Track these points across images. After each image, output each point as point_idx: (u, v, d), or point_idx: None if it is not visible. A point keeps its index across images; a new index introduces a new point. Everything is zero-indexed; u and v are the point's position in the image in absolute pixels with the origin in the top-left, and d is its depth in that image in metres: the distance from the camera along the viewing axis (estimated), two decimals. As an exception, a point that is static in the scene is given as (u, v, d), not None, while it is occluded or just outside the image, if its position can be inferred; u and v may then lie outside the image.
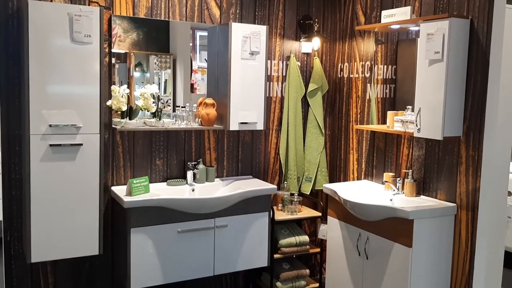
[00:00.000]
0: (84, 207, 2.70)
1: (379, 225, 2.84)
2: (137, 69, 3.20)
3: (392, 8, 3.15)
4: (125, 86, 2.95)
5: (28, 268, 2.90)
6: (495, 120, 2.58)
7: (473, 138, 2.68)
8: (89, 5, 2.87)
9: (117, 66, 3.09)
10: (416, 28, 3.00)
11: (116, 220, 3.02)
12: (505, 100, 2.62)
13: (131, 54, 3.14)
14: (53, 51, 2.56)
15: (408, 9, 2.90)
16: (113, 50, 3.00)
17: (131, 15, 3.02)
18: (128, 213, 2.74)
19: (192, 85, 3.39)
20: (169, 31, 3.25)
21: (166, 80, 3.29)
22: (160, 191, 3.01)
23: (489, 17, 2.57)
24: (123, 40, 3.08)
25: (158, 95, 3.10)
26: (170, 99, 3.27)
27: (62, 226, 2.65)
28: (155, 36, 3.24)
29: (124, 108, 2.94)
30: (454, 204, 2.78)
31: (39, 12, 2.52)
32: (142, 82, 3.14)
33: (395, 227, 2.73)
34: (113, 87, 2.93)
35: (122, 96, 2.93)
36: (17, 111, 2.77)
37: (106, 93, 2.92)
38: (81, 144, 2.66)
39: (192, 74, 3.38)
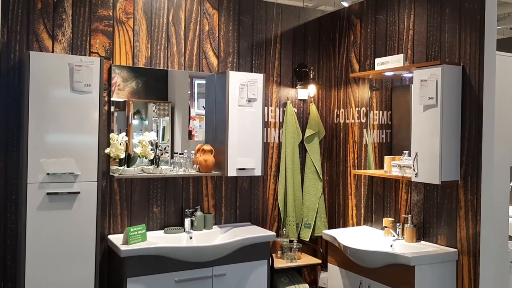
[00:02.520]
0: (80, 257, 2.65)
1: (380, 272, 2.79)
2: (135, 117, 3.23)
3: (385, 55, 3.23)
4: (123, 134, 2.98)
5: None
6: (492, 164, 2.59)
7: (471, 182, 2.68)
8: (89, 55, 2.93)
9: (116, 114, 3.12)
10: (410, 75, 3.07)
11: (112, 270, 2.96)
12: (501, 143, 2.65)
13: (130, 102, 3.19)
14: (53, 100, 2.60)
15: (401, 56, 2.98)
16: (112, 99, 3.05)
17: (131, 65, 3.08)
18: (124, 262, 2.69)
19: (190, 132, 3.42)
20: (168, 79, 3.32)
21: (164, 127, 3.31)
22: (158, 239, 2.97)
23: (480, 64, 2.64)
24: (122, 89, 3.13)
25: (156, 142, 3.12)
26: (168, 146, 3.28)
27: (57, 276, 2.60)
28: (154, 85, 3.29)
29: (122, 155, 2.94)
30: (455, 250, 2.74)
31: (40, 62, 2.58)
32: (141, 130, 3.16)
33: (397, 274, 2.68)
34: (111, 135, 2.95)
35: (120, 144, 2.94)
36: (15, 160, 2.77)
37: (104, 141, 2.93)
38: (79, 192, 2.65)
39: (190, 121, 3.42)
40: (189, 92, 3.41)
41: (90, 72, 2.67)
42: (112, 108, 3.07)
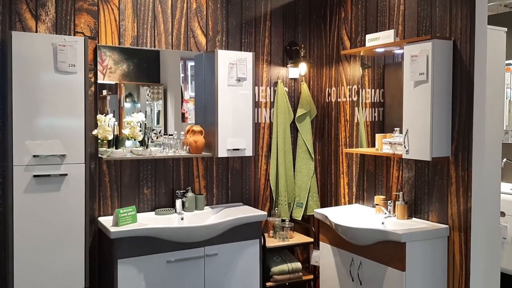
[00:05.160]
0: (70, 239, 2.64)
1: (372, 249, 2.79)
2: (127, 100, 3.20)
3: (376, 32, 3.18)
4: (111, 115, 2.94)
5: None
6: (483, 139, 2.57)
7: (462, 158, 2.66)
8: (74, 35, 2.87)
9: (108, 97, 3.09)
10: (401, 51, 3.02)
11: (103, 252, 2.95)
12: (492, 119, 2.63)
13: (122, 85, 3.15)
14: (37, 81, 2.56)
15: (391, 32, 2.93)
16: (103, 81, 3.01)
17: (117, 45, 3.02)
18: (114, 244, 2.68)
19: (183, 114, 3.38)
20: (160, 61, 3.27)
21: (159, 111, 3.28)
22: (148, 221, 2.95)
23: (471, 38, 2.60)
24: (114, 72, 3.08)
25: (145, 124, 3.08)
26: (162, 130, 3.25)
27: (47, 259, 2.59)
28: (145, 67, 3.24)
29: (110, 137, 2.91)
30: (447, 226, 2.74)
31: (23, 43, 2.52)
32: (133, 113, 3.13)
33: (388, 251, 2.68)
34: (99, 116, 2.91)
35: (108, 125, 2.90)
36: (1, 142, 2.73)
37: (92, 123, 2.90)
38: (66, 174, 2.62)
39: (183, 103, 3.38)
40: (182, 75, 3.36)
41: (74, 52, 2.62)
42: (105, 92, 3.03)
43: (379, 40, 3.02)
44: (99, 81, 2.99)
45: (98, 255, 3.00)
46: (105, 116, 2.93)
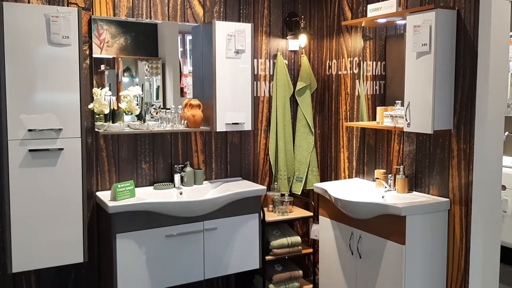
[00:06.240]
0: (67, 214, 2.62)
1: (371, 223, 2.77)
2: (125, 74, 3.14)
3: (378, 1, 3.09)
4: (106, 88, 2.88)
5: (10, 278, 2.81)
6: (486, 112, 2.52)
7: (464, 131, 2.62)
8: (67, 6, 2.80)
9: (106, 72, 3.04)
10: (403, 22, 2.94)
11: (102, 226, 2.94)
12: (495, 91, 2.57)
13: (119, 59, 3.09)
14: (30, 53, 2.49)
15: (394, 1, 2.85)
16: (100, 56, 2.96)
17: (112, 16, 2.95)
18: (112, 219, 2.66)
19: (182, 89, 3.33)
20: (157, 35, 3.19)
21: (158, 86, 3.23)
22: (147, 195, 2.93)
23: (475, 8, 2.52)
24: (111, 46, 3.03)
25: (142, 97, 3.03)
26: (161, 104, 3.21)
27: (44, 234, 2.57)
28: (143, 41, 3.18)
29: (107, 111, 2.86)
30: (447, 199, 2.72)
31: (14, 14, 2.45)
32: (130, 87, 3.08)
33: (388, 225, 2.67)
34: (94, 89, 2.86)
35: (104, 99, 2.85)
36: (-4, 117, 2.69)
37: (88, 96, 2.85)
38: (62, 149, 2.58)
39: (182, 78, 3.32)
40: (181, 49, 3.30)
41: (67, 24, 2.55)
42: (103, 67, 2.98)
43: (381, 10, 2.94)
44: (96, 55, 2.94)
45: (97, 230, 2.99)
46: (101, 89, 2.88)
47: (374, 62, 3.29)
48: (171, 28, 3.20)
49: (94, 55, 2.91)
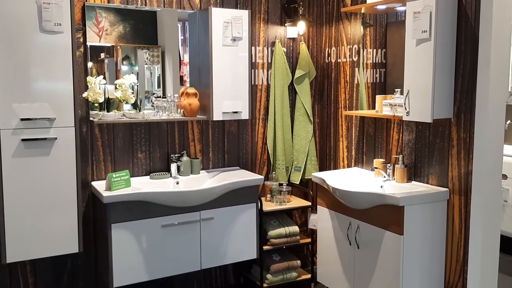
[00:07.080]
0: (61, 204, 2.59)
1: (370, 213, 2.74)
2: (124, 62, 3.10)
3: (378, -12, 3.03)
4: (101, 77, 2.84)
5: (5, 269, 2.79)
6: (487, 100, 2.47)
7: (464, 120, 2.57)
8: (60, -7, 2.74)
9: (106, 61, 3.00)
10: (404, 8, 2.88)
11: (97, 216, 2.91)
12: (497, 79, 2.51)
13: (118, 47, 3.05)
14: (21, 41, 2.45)
15: (393, -13, 2.79)
16: (99, 44, 2.92)
17: (106, 3, 2.89)
18: (108, 209, 2.64)
19: (181, 77, 3.28)
20: (157, 23, 3.14)
21: (159, 75, 3.18)
22: (143, 185, 2.91)
23: (477, -7, 2.46)
24: (110, 34, 2.98)
25: (137, 86, 2.98)
26: (161, 93, 3.17)
27: (39, 224, 2.55)
28: (142, 29, 3.13)
29: (101, 99, 2.82)
30: (446, 189, 2.68)
31: (6, 1, 2.40)
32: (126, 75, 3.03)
33: (386, 215, 2.63)
34: (88, 78, 2.82)
35: (99, 88, 2.81)
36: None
37: (82, 85, 2.81)
38: (55, 138, 2.55)
39: (182, 66, 3.27)
40: (181, 38, 3.25)
41: (60, 11, 2.50)
42: (103, 55, 2.94)
43: (380, -4, 2.87)
44: (95, 43, 2.90)
45: (93, 220, 2.97)
46: (95, 78, 2.83)
47: (375, 50, 3.23)
48: (170, 16, 3.15)
49: (93, 43, 2.87)
